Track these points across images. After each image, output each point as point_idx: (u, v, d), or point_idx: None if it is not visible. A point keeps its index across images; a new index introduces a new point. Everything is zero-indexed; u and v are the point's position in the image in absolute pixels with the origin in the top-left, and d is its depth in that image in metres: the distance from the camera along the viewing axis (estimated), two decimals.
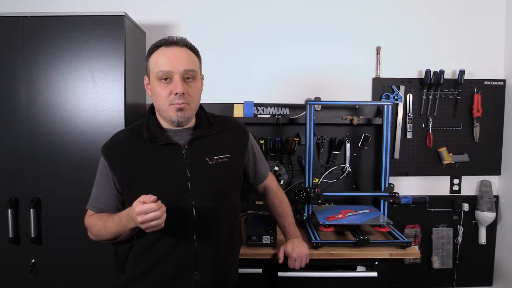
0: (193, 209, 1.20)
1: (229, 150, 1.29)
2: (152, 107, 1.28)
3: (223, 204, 1.27)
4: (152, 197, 1.04)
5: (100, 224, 1.21)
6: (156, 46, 1.21)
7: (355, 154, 2.31)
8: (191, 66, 1.20)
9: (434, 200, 2.32)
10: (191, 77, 1.20)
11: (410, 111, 2.30)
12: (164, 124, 1.25)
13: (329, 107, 2.26)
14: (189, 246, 1.20)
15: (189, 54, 1.22)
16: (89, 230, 1.27)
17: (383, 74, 2.32)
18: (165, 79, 1.17)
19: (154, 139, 1.21)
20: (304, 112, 2.02)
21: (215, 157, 1.26)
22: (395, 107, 2.29)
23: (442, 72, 2.23)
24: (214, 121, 1.32)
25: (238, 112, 2.18)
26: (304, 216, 1.98)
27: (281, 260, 1.51)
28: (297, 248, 1.51)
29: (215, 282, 1.26)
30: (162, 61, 1.17)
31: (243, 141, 1.36)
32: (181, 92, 1.15)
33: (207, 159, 1.25)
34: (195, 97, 1.22)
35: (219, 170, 1.26)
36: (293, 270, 1.55)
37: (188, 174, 1.21)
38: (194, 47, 1.25)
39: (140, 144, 1.21)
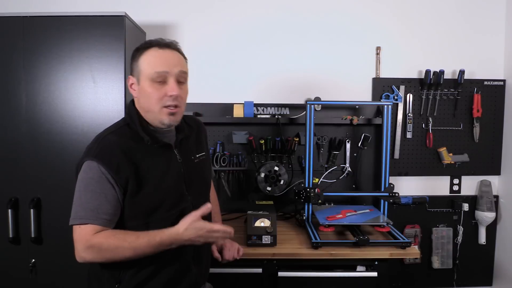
0: (191, 206, 1.23)
1: (202, 147, 1.38)
2: (134, 108, 1.23)
3: (208, 198, 1.38)
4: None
5: (126, 246, 1.09)
6: (147, 46, 1.18)
7: (355, 154, 2.31)
8: (184, 68, 1.20)
9: (434, 200, 2.32)
10: (184, 80, 1.20)
11: (410, 111, 2.30)
12: (153, 125, 1.23)
13: (329, 107, 2.26)
14: None
15: (181, 57, 1.22)
16: (100, 251, 1.09)
17: (383, 74, 2.32)
18: (159, 81, 1.15)
19: (154, 141, 1.20)
20: (304, 112, 2.02)
21: (197, 155, 1.33)
22: (395, 107, 2.29)
23: (442, 72, 2.23)
24: (188, 121, 1.36)
25: (238, 112, 2.18)
26: (304, 216, 1.98)
27: (220, 259, 1.48)
28: (228, 242, 1.53)
29: (205, 271, 1.36)
30: (157, 62, 1.15)
31: (205, 136, 1.45)
32: (177, 94, 1.15)
33: (192, 157, 1.31)
34: (185, 100, 1.23)
35: (203, 167, 1.35)
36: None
37: (182, 173, 1.24)
38: (182, 51, 1.25)
39: (137, 146, 1.18)
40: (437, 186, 2.38)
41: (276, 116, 2.21)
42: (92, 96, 1.76)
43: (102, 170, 1.11)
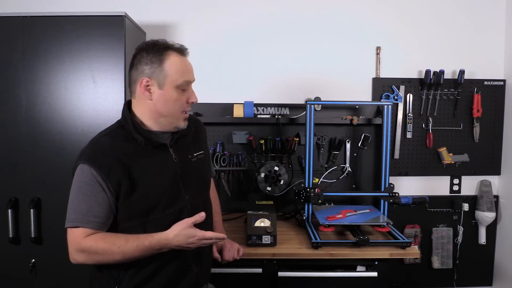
0: (189, 205, 1.24)
1: (201, 146, 1.37)
2: (128, 111, 1.22)
3: (207, 197, 1.39)
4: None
5: (115, 250, 1.09)
6: (166, 50, 1.16)
7: (355, 154, 2.31)
8: None
9: (434, 200, 2.32)
10: None
11: (410, 111, 2.30)
12: (150, 127, 1.22)
13: (329, 107, 2.26)
14: None
15: None
16: (90, 254, 1.12)
17: (383, 74, 2.32)
18: (184, 88, 1.20)
19: (148, 141, 1.19)
20: (304, 112, 2.02)
21: (195, 154, 1.32)
22: (395, 107, 2.29)
23: (442, 72, 2.23)
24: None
25: (238, 112, 2.18)
26: (304, 216, 1.98)
27: (219, 259, 1.49)
28: (227, 242, 1.54)
29: (206, 271, 1.36)
30: (185, 70, 1.20)
31: (204, 136, 1.44)
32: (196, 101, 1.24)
33: (190, 156, 1.30)
34: None
35: (200, 166, 1.34)
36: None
37: (179, 172, 1.24)
38: None
39: (130, 148, 1.17)
40: (437, 186, 2.38)
41: (276, 116, 2.21)
42: (92, 96, 1.76)
43: (94, 173, 1.11)
